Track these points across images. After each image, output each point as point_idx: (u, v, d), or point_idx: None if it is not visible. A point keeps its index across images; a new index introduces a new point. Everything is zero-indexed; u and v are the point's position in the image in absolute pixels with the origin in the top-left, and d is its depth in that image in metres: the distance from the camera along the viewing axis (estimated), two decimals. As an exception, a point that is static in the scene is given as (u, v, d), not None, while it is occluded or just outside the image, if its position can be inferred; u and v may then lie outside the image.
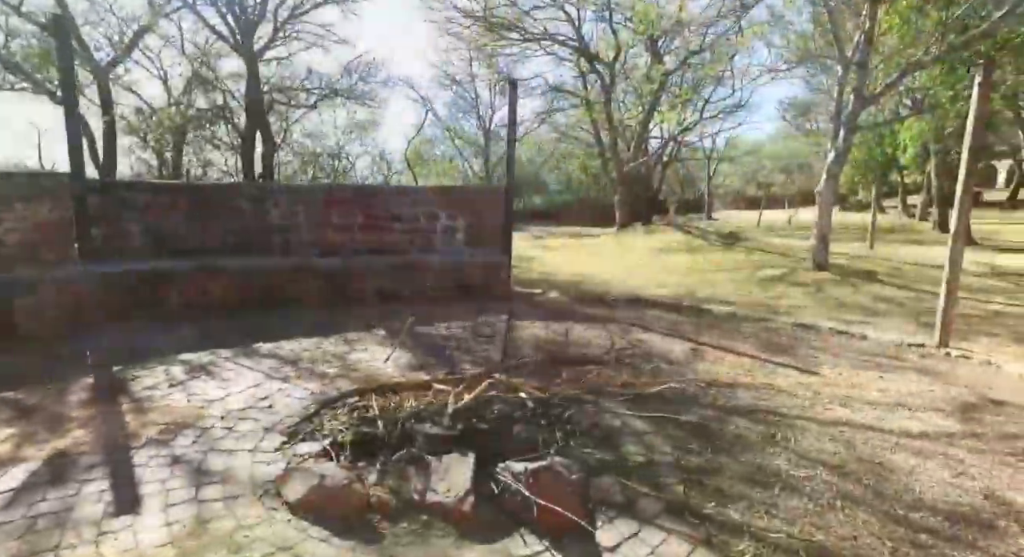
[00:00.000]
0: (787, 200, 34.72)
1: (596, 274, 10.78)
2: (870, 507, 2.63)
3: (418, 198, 7.36)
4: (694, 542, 2.32)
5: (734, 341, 5.47)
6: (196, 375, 4.10)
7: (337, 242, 7.02)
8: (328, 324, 5.61)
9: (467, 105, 28.02)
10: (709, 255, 13.61)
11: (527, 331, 5.68)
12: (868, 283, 9.79)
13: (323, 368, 4.31)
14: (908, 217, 28.50)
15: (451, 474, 2.56)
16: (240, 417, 3.38)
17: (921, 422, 3.62)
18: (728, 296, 8.51)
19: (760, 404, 3.82)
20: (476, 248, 7.44)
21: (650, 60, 18.29)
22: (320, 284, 6.55)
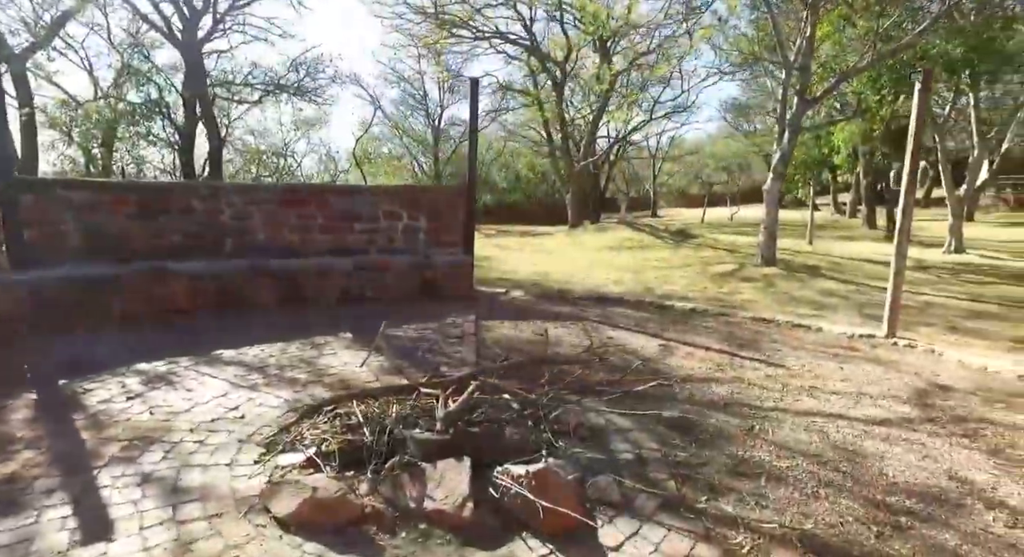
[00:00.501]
0: (729, 198, 36.06)
1: (554, 272, 10.85)
2: (850, 493, 2.75)
3: (379, 197, 7.19)
4: (695, 537, 2.36)
5: (699, 336, 5.61)
6: (155, 386, 3.86)
7: (295, 243, 6.77)
8: (291, 328, 5.41)
9: (416, 103, 27.69)
10: (661, 252, 13.94)
11: (497, 331, 5.64)
12: (813, 278, 10.27)
13: (293, 374, 4.15)
14: (839, 214, 30.16)
15: (447, 480, 2.50)
16: (211, 429, 3.20)
17: (883, 409, 3.81)
18: (685, 292, 8.73)
19: (735, 397, 3.93)
20: (438, 248, 7.34)
21: (599, 60, 18.55)
22: (279, 286, 6.31)
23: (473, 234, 7.46)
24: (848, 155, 18.45)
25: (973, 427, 3.56)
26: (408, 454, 2.69)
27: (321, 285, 6.51)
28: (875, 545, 2.36)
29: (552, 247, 15.91)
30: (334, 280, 6.57)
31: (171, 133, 21.51)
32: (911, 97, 14.98)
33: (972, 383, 4.43)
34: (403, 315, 6.03)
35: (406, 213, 7.27)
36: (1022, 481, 2.94)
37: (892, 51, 10.15)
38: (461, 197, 7.46)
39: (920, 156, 21.09)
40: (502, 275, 10.37)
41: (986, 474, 2.99)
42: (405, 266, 6.89)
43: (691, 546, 2.30)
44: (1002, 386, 4.42)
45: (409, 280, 6.89)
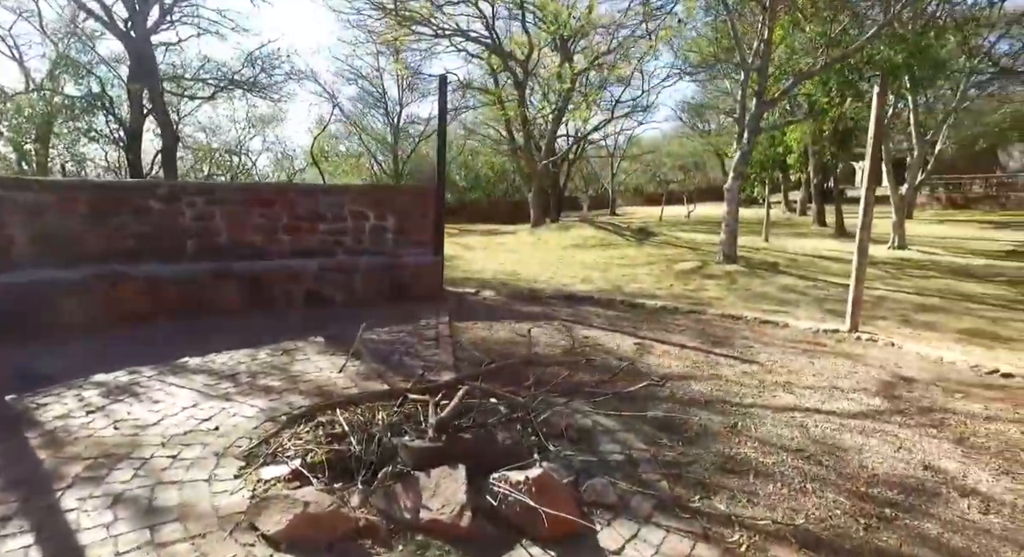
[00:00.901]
0: (685, 196, 36.88)
1: (521, 271, 10.84)
2: (836, 487, 2.82)
3: (346, 197, 7.01)
4: (694, 538, 2.36)
5: (673, 334, 5.69)
6: (118, 398, 3.64)
7: (259, 244, 6.54)
8: (258, 333, 5.21)
9: (374, 100, 27.21)
10: (625, 250, 14.12)
11: (471, 332, 5.58)
12: (773, 274, 10.58)
13: (266, 382, 3.99)
14: (790, 212, 31.27)
15: (443, 488, 2.44)
16: (184, 443, 3.04)
17: (855, 403, 3.93)
18: (653, 290, 8.86)
19: (715, 395, 3.99)
20: (407, 248, 7.22)
21: (560, 60, 18.64)
22: (243, 290, 6.08)
23: (442, 234, 7.36)
24: (799, 155, 19.10)
25: (939, 417, 3.72)
26: (399, 463, 2.62)
27: (287, 288, 6.30)
28: (864, 537, 2.43)
29: (516, 246, 15.90)
30: (301, 282, 6.38)
31: (115, 129, 20.52)
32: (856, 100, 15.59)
33: (932, 374, 4.63)
34: (374, 317, 5.90)
35: (373, 213, 7.12)
36: (988, 468, 3.08)
37: (842, 56, 10.54)
38: (430, 197, 7.35)
39: (864, 157, 21.76)
40: (469, 275, 10.30)
41: (956, 463, 3.12)
42: (374, 267, 6.74)
43: (691, 546, 2.31)
44: (958, 377, 4.64)
45: (378, 282, 6.75)
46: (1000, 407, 3.96)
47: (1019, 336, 6.66)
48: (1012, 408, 3.97)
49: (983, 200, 30.87)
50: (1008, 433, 3.52)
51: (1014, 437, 3.47)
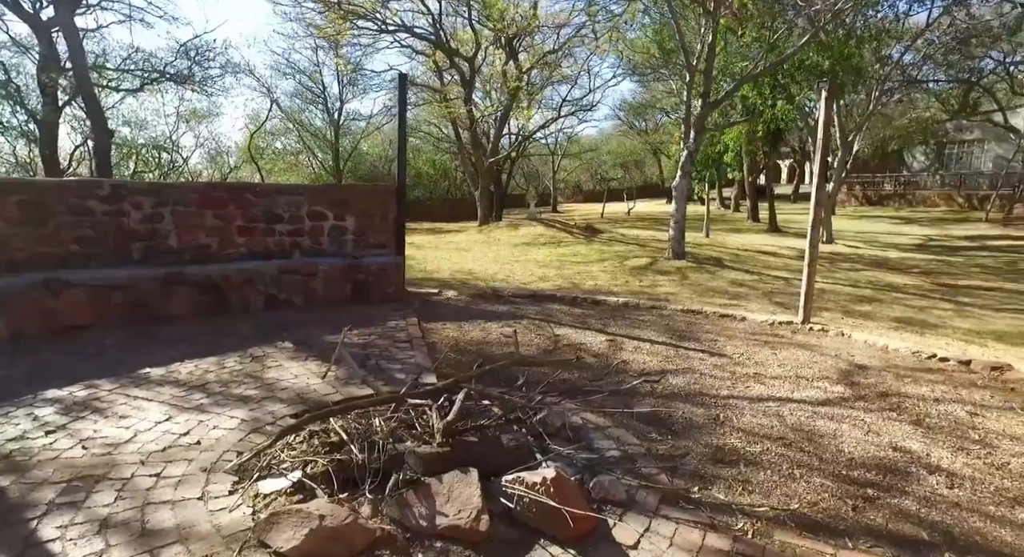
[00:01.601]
0: (625, 193, 37.82)
1: (477, 270, 10.82)
2: (820, 471, 2.99)
3: (304, 197, 6.78)
4: (703, 528, 2.45)
5: (640, 330, 5.84)
6: (79, 415, 3.39)
7: (213, 247, 6.22)
8: (218, 340, 4.97)
9: (313, 96, 26.34)
10: (575, 247, 14.35)
11: (442, 333, 5.53)
12: (719, 269, 11.04)
13: (241, 391, 3.82)
14: (724, 208, 32.67)
15: (456, 494, 2.41)
16: (166, 460, 2.87)
17: (820, 390, 4.18)
18: (610, 286, 9.05)
19: (692, 388, 4.13)
20: (367, 250, 7.06)
21: (504, 58, 18.68)
22: (197, 295, 5.77)
23: (403, 235, 7.25)
24: (735, 154, 19.96)
25: (895, 401, 4.00)
26: (408, 469, 2.57)
27: (245, 292, 6.03)
28: (855, 518, 2.59)
29: (467, 244, 15.85)
30: (259, 286, 6.12)
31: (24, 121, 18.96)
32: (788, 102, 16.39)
33: (881, 361, 4.97)
34: (338, 321, 5.75)
35: (333, 213, 6.92)
36: (945, 446, 3.34)
37: (780, 61, 11.10)
38: (391, 197, 7.22)
39: (790, 156, 23.30)
40: (426, 275, 10.19)
41: (918, 443, 3.37)
42: (335, 269, 6.55)
43: (702, 536, 2.39)
44: (903, 362, 5.00)
45: (339, 284, 6.57)
46: (943, 389, 4.31)
47: (941, 323, 7.26)
48: (953, 390, 4.32)
49: (892, 197, 33.25)
50: (955, 413, 3.83)
51: (961, 417, 3.78)
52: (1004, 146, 29.04)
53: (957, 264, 13.59)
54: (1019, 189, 25.27)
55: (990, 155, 31.29)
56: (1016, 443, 3.41)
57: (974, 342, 6.23)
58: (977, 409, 3.90)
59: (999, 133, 28.05)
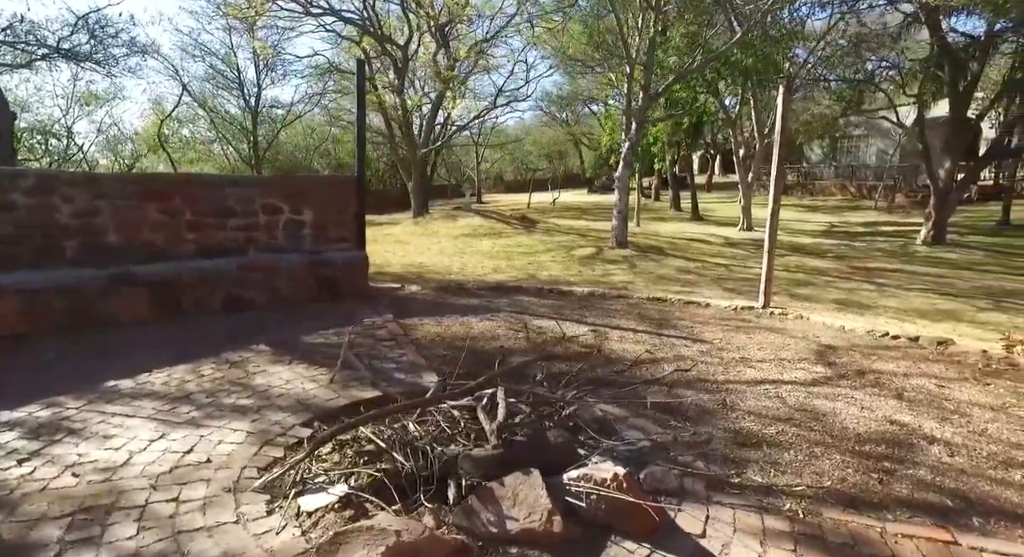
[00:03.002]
0: (549, 183, 38.31)
1: (428, 264, 10.59)
2: (837, 449, 3.16)
3: (257, 189, 6.32)
4: (758, 511, 2.52)
5: (617, 319, 5.93)
6: (52, 438, 2.99)
7: (160, 244, 5.68)
8: (182, 346, 4.56)
9: (227, 81, 24.59)
10: (517, 238, 14.38)
11: (423, 330, 5.36)
12: (663, 257, 11.44)
13: (232, 401, 3.52)
14: (646, 198, 33.90)
15: (522, 496, 2.34)
16: (178, 482, 2.59)
17: (805, 371, 4.42)
18: (566, 277, 9.14)
19: (690, 375, 4.24)
20: (327, 245, 6.71)
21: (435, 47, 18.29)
22: (148, 297, 5.26)
23: (364, 229, 6.94)
24: (662, 146, 20.72)
25: (873, 378, 4.31)
26: (463, 474, 2.47)
27: (201, 292, 5.56)
28: (884, 491, 2.76)
29: (406, 237, 15.48)
30: (217, 285, 5.66)
31: None
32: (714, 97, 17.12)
33: (844, 341, 5.34)
34: (309, 320, 5.45)
35: (288, 207, 6.50)
36: (931, 418, 3.63)
37: (714, 57, 11.59)
38: (350, 188, 6.88)
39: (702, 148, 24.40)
40: (377, 269, 9.83)
41: (908, 416, 3.64)
42: (298, 266, 6.18)
43: (760, 520, 2.46)
44: (861, 341, 5.39)
45: (304, 281, 6.21)
46: (906, 364, 4.69)
47: (872, 303, 7.90)
48: (913, 364, 4.71)
49: (796, 187, 35.80)
50: (926, 386, 4.18)
51: (931, 389, 4.13)
52: (885, 141, 32.05)
53: (861, 249, 14.84)
54: (899, 181, 28.01)
55: (873, 150, 34.38)
56: (985, 410, 3.77)
57: (904, 320, 6.84)
58: (942, 382, 4.28)
59: (882, 129, 30.96)
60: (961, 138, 15.97)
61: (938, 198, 15.27)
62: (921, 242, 15.18)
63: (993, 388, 4.21)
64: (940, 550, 2.29)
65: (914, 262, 12.48)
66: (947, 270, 11.33)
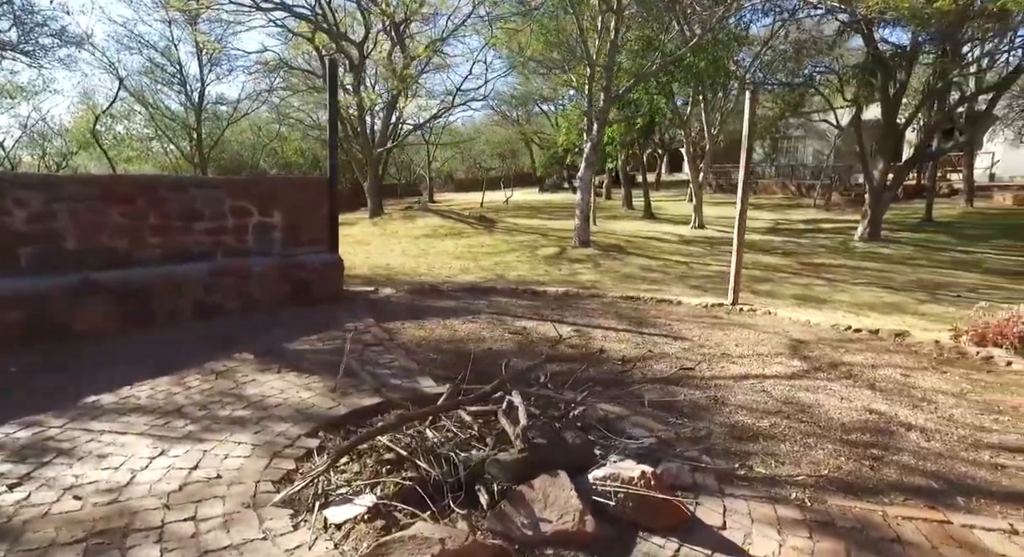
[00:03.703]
0: (502, 182, 38.38)
1: (394, 265, 10.47)
2: (827, 439, 3.35)
3: (225, 191, 6.10)
4: (769, 501, 2.65)
5: (596, 318, 6.05)
6: (41, 460, 2.82)
7: (123, 250, 5.40)
8: (161, 356, 4.37)
9: (168, 76, 23.38)
10: (479, 238, 14.38)
11: (407, 333, 5.32)
12: (625, 255, 11.70)
13: (228, 413, 3.40)
14: (597, 196, 34.49)
15: (552, 498, 2.38)
16: (191, 500, 2.50)
17: (783, 365, 4.65)
18: (534, 277, 9.23)
19: (678, 373, 4.39)
20: (299, 248, 6.54)
21: (390, 45, 18.04)
22: (115, 306, 5.00)
23: (337, 231, 6.81)
24: (616, 145, 21.13)
25: (845, 370, 4.57)
26: (491, 479, 2.49)
27: (171, 299, 5.33)
28: (876, 476, 2.95)
29: (365, 238, 15.22)
30: (187, 292, 5.44)
31: None
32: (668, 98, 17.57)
33: (812, 335, 5.63)
34: (287, 326, 5.32)
35: (258, 209, 6.30)
36: (903, 405, 3.89)
37: (672, 60, 11.93)
38: (323, 189, 6.73)
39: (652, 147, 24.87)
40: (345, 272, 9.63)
41: (883, 404, 3.89)
42: (272, 270, 6.01)
43: (774, 509, 2.59)
44: (828, 335, 5.70)
45: (277, 285, 6.04)
46: (871, 356, 5.00)
47: (827, 297, 8.35)
48: (878, 355, 5.03)
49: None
50: (893, 377, 4.47)
51: (898, 378, 4.42)
52: (820, 142, 33.79)
53: (806, 245, 15.58)
54: (835, 180, 29.57)
55: (810, 150, 36.17)
56: (948, 397, 4.07)
57: (859, 313, 7.26)
58: (906, 371, 4.58)
59: (818, 131, 32.67)
60: (892, 141, 17.00)
61: (873, 197, 16.20)
62: (858, 238, 16.05)
63: (950, 376, 4.55)
64: (936, 530, 2.48)
65: (855, 257, 13.20)
66: (884, 265, 12.07)
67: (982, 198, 22.78)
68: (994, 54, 17.12)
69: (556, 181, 40.51)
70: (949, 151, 21.24)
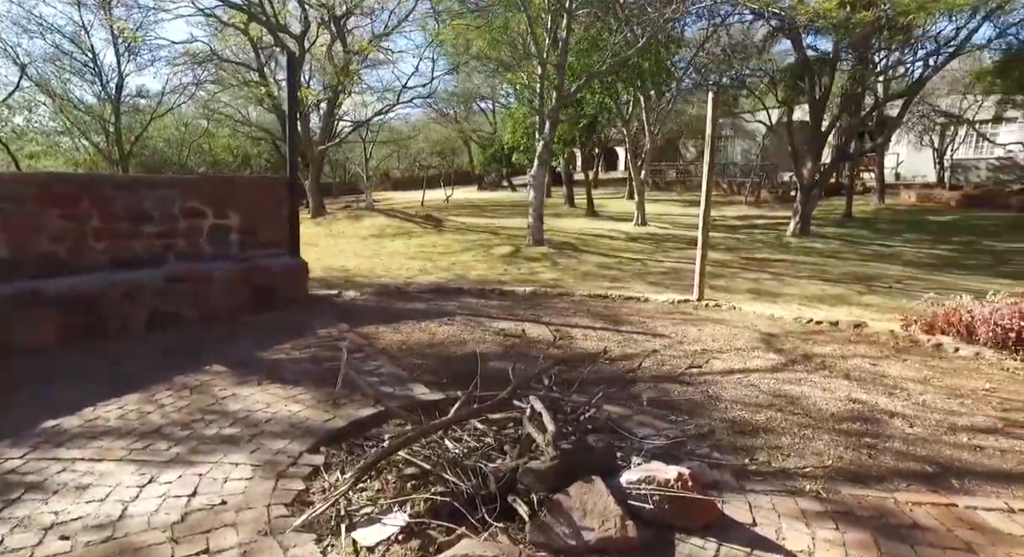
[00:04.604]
0: (442, 181, 37.96)
1: (349, 267, 10.12)
2: (821, 429, 3.47)
3: (177, 191, 5.67)
4: (789, 494, 2.71)
5: (571, 317, 6.05)
6: (7, 498, 2.50)
7: (63, 255, 4.92)
8: (121, 372, 4.00)
9: (80, 65, 21.53)
10: (429, 238, 14.15)
11: (386, 338, 5.14)
12: (579, 254, 11.81)
13: (215, 431, 3.15)
14: (538, 195, 34.78)
15: (590, 505, 2.33)
16: (200, 531, 2.28)
17: (762, 359, 4.80)
18: (495, 276, 9.15)
19: (665, 370, 4.44)
20: (257, 250, 6.18)
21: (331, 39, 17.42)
22: (62, 317, 4.55)
23: (298, 232, 6.49)
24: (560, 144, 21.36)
25: (819, 362, 4.78)
26: (526, 489, 2.41)
27: (125, 309, 4.90)
28: (875, 463, 3.08)
29: (311, 239, 14.61)
30: (142, 300, 5.01)
31: None
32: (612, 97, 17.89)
33: (779, 328, 5.86)
34: (253, 334, 5.01)
35: (212, 210, 5.91)
36: (879, 393, 4.09)
37: (622, 61, 12.14)
38: (282, 189, 6.39)
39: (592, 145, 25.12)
40: (296, 274, 9.21)
41: (863, 393, 4.09)
42: (232, 275, 5.64)
43: (795, 502, 2.64)
44: (793, 328, 5.95)
45: (238, 291, 5.67)
46: (837, 347, 5.25)
47: (778, 291, 8.73)
48: (842, 346, 5.29)
49: (675, 183, 38.57)
50: (863, 366, 4.71)
51: (869, 368, 4.66)
52: (749, 142, 35.47)
53: (745, 241, 16.29)
54: (763, 178, 31.15)
55: (739, 149, 37.91)
56: (915, 384, 4.32)
57: (811, 306, 7.62)
58: (873, 360, 4.84)
59: (747, 131, 34.30)
60: (820, 142, 18.04)
61: (803, 194, 17.13)
62: (791, 234, 16.92)
63: (911, 363, 4.84)
64: (945, 514, 2.61)
65: (791, 252, 13.92)
66: (818, 259, 12.78)
67: (891, 196, 24.56)
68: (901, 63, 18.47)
69: (495, 179, 40.54)
70: (868, 152, 22.73)
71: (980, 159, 26.99)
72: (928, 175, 27.57)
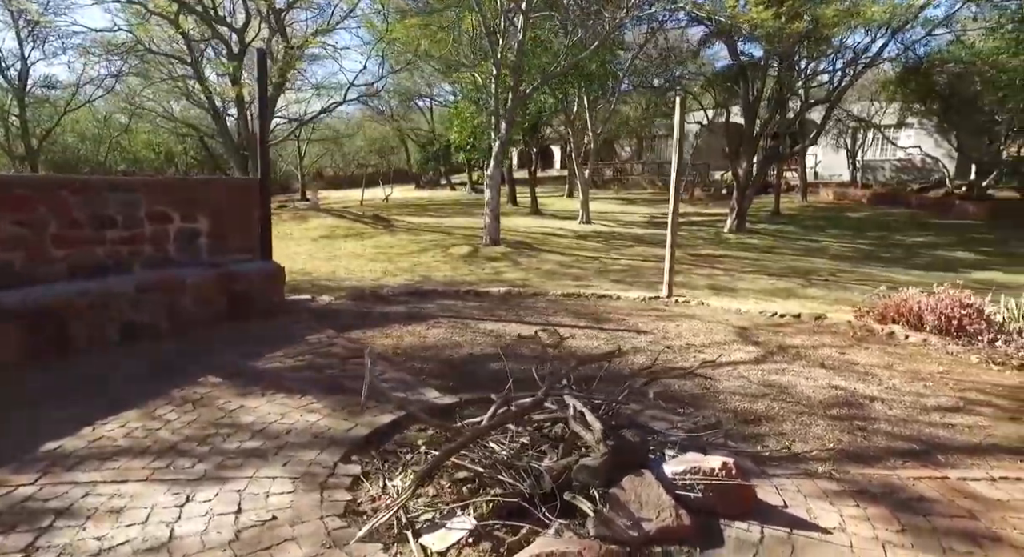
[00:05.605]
0: (380, 179, 37.23)
1: (309, 269, 9.82)
2: (816, 416, 3.74)
3: (141, 194, 5.36)
4: (807, 476, 2.93)
5: (552, 316, 6.17)
6: (38, 526, 2.34)
7: (19, 265, 4.54)
8: (100, 388, 3.78)
9: (-22, 52, 19.55)
10: (383, 239, 13.92)
11: (378, 342, 5.07)
12: (536, 252, 11.97)
13: (236, 445, 3.04)
14: (478, 193, 34.78)
15: (644, 496, 2.45)
16: (260, 547, 2.23)
17: (743, 352, 5.09)
18: (462, 276, 9.16)
19: (660, 365, 4.63)
20: (228, 255, 5.93)
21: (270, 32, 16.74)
22: (24, 332, 4.21)
23: (270, 236, 6.27)
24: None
25: (795, 352, 5.12)
26: (582, 485, 2.50)
27: (96, 321, 4.58)
28: (868, 444, 3.37)
29: (254, 240, 14.06)
30: (112, 311, 4.71)
31: None
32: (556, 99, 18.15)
33: (748, 322, 6.21)
34: (237, 342, 4.83)
35: (179, 214, 5.61)
36: (854, 380, 4.44)
37: (575, 63, 12.38)
38: (253, 191, 6.15)
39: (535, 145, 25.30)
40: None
41: (841, 379, 4.42)
42: (206, 282, 5.38)
43: (814, 484, 2.86)
44: (760, 320, 6.32)
45: (213, 299, 5.42)
46: (805, 338, 5.64)
47: (734, 286, 9.22)
48: (809, 337, 5.68)
49: (612, 182, 39.61)
50: (833, 355, 5.09)
51: (839, 357, 5.04)
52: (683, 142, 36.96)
53: (686, 238, 16.95)
54: (696, 177, 32.56)
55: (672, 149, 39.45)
56: (882, 370, 4.72)
57: (767, 299, 8.10)
58: (840, 349, 5.24)
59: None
60: (754, 142, 19.05)
61: (740, 193, 18.06)
62: (728, 230, 17.79)
63: (872, 351, 5.27)
64: (942, 485, 2.90)
65: (732, 248, 14.66)
66: (758, 254, 13.54)
67: (811, 193, 26.28)
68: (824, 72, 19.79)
69: (432, 178, 40.21)
70: (795, 153, 24.19)
71: (885, 160, 29.37)
72: (843, 174, 29.64)
